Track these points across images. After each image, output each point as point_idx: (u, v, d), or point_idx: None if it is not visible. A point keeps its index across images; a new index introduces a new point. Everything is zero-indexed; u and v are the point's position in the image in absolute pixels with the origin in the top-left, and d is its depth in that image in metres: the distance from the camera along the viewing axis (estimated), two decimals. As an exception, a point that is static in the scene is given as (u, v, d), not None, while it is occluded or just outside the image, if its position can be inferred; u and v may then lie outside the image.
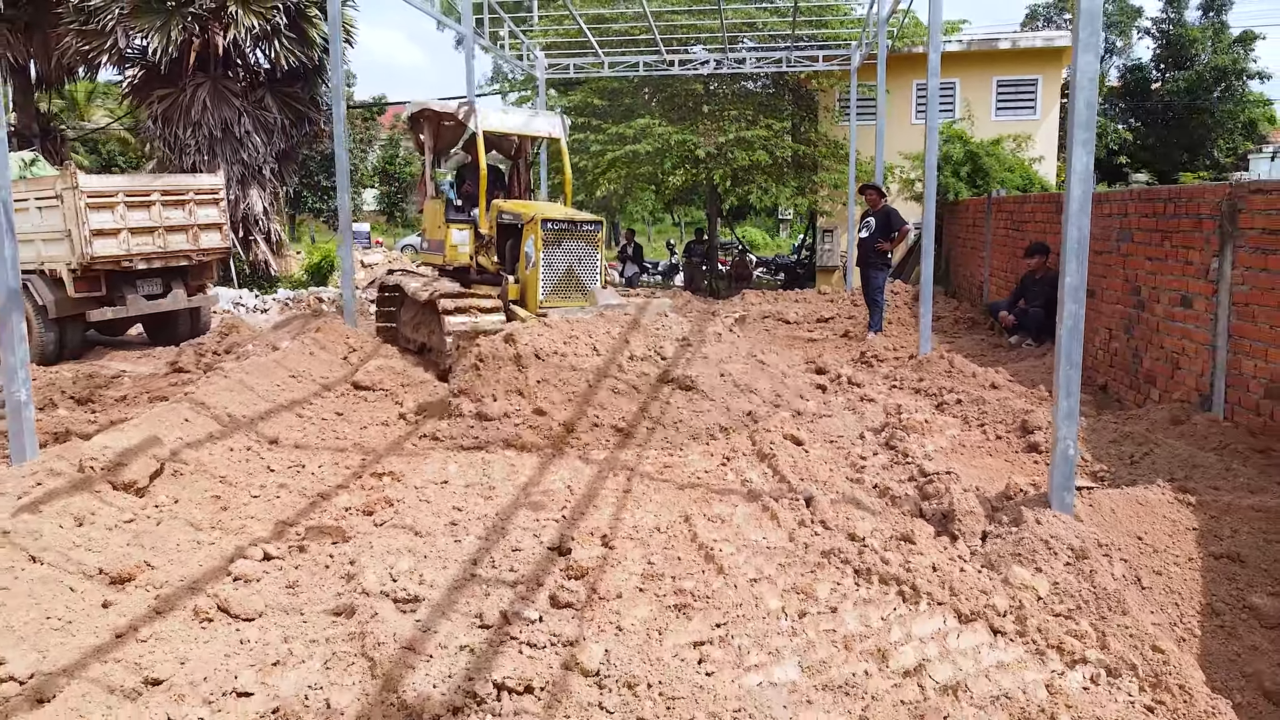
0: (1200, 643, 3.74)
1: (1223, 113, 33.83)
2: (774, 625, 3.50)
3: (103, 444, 4.72)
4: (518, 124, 9.31)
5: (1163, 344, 6.82)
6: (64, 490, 4.26)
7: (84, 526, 4.02)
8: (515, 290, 8.28)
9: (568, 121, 9.94)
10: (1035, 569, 3.76)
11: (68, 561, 3.68)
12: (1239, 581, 4.01)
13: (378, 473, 5.31)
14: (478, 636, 3.28)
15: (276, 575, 3.94)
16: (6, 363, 4.74)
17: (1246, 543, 4.19)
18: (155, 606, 3.52)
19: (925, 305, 8.49)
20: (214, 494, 4.83)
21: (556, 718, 2.75)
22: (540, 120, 9.52)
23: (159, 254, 12.42)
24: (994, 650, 3.27)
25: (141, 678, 3.03)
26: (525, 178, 10.17)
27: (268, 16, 17.30)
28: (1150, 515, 4.31)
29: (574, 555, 3.98)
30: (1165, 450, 5.29)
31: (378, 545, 4.12)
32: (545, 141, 10.23)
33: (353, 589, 3.71)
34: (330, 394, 7.05)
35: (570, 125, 12.92)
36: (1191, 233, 6.42)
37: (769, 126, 16.77)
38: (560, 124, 9.58)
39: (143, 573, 3.78)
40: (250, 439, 5.72)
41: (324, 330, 8.18)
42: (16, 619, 3.22)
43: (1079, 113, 3.96)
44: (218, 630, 3.45)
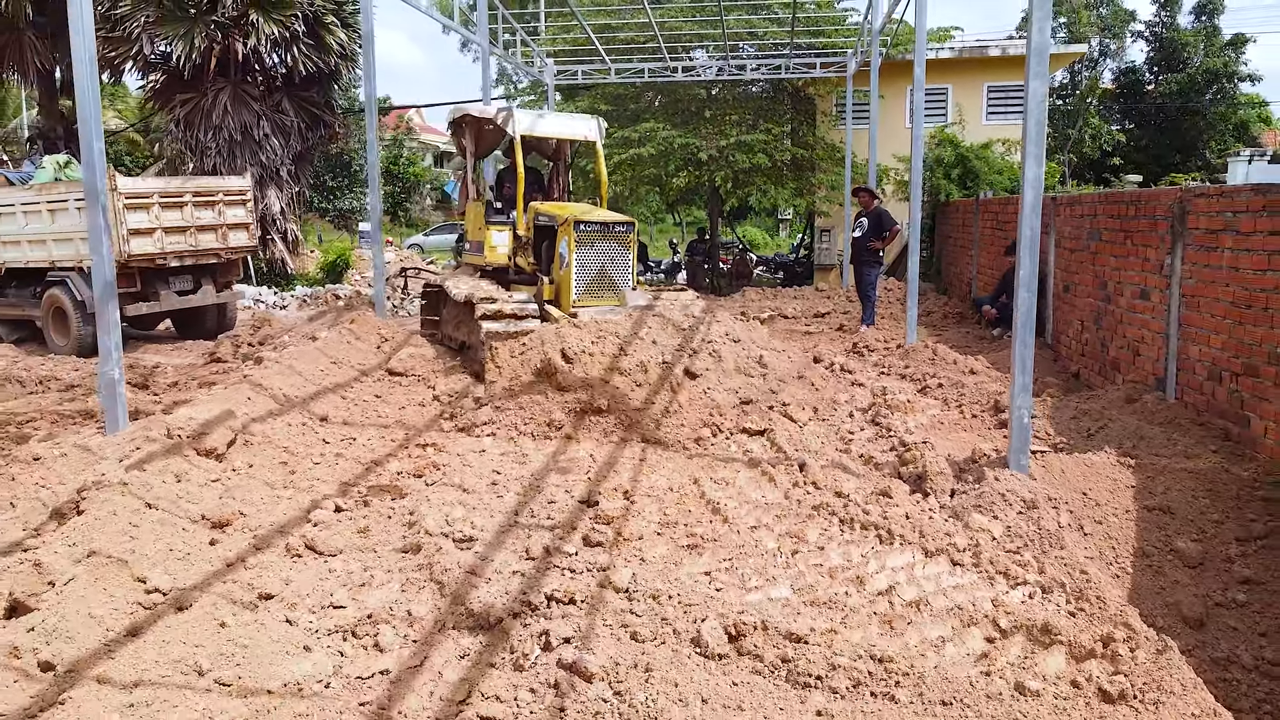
0: (1131, 578, 4.44)
1: (1214, 114, 34.48)
2: (771, 560, 4.19)
3: (187, 415, 5.41)
4: (554, 127, 9.43)
5: (1125, 333, 7.52)
6: (160, 454, 4.95)
7: (182, 483, 4.71)
8: (550, 290, 8.39)
9: (604, 125, 9.97)
10: (992, 516, 4.45)
11: (177, 508, 4.37)
12: (1168, 529, 4.71)
13: (421, 444, 6.00)
14: (526, 565, 3.97)
15: (348, 523, 4.64)
16: (103, 345, 5.42)
17: (1176, 498, 4.89)
18: (254, 544, 4.22)
19: (911, 299, 9.18)
20: (281, 460, 5.52)
21: (596, 620, 3.44)
22: (576, 123, 9.65)
23: (190, 252, 13.10)
24: (952, 576, 3.96)
25: (255, 594, 3.72)
26: (564, 180, 10.35)
27: (287, 24, 17.96)
28: (1095, 475, 5.01)
29: (601, 506, 4.68)
30: (1118, 424, 5.99)
31: (432, 499, 4.81)
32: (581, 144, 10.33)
33: (416, 532, 4.40)
34: (368, 379, 7.74)
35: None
36: (1149, 232, 7.11)
37: (768, 131, 17.46)
38: (596, 127, 9.65)
39: (238, 519, 4.47)
40: (304, 416, 6.41)
41: (358, 321, 8.87)
42: (146, 550, 3.91)
43: (1030, 130, 4.65)
44: (307, 563, 4.15)
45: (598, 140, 9.61)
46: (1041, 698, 2.87)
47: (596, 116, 9.87)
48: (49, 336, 13.14)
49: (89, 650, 3.13)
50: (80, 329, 12.72)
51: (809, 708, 2.84)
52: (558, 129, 9.47)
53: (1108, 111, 35.53)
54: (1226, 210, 5.91)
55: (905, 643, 3.31)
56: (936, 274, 16.35)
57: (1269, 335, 5.36)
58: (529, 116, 9.25)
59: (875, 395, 7.13)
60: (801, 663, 3.07)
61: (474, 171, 9.93)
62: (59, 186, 13.33)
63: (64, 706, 2.83)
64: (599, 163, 9.94)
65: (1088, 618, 3.49)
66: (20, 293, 13.75)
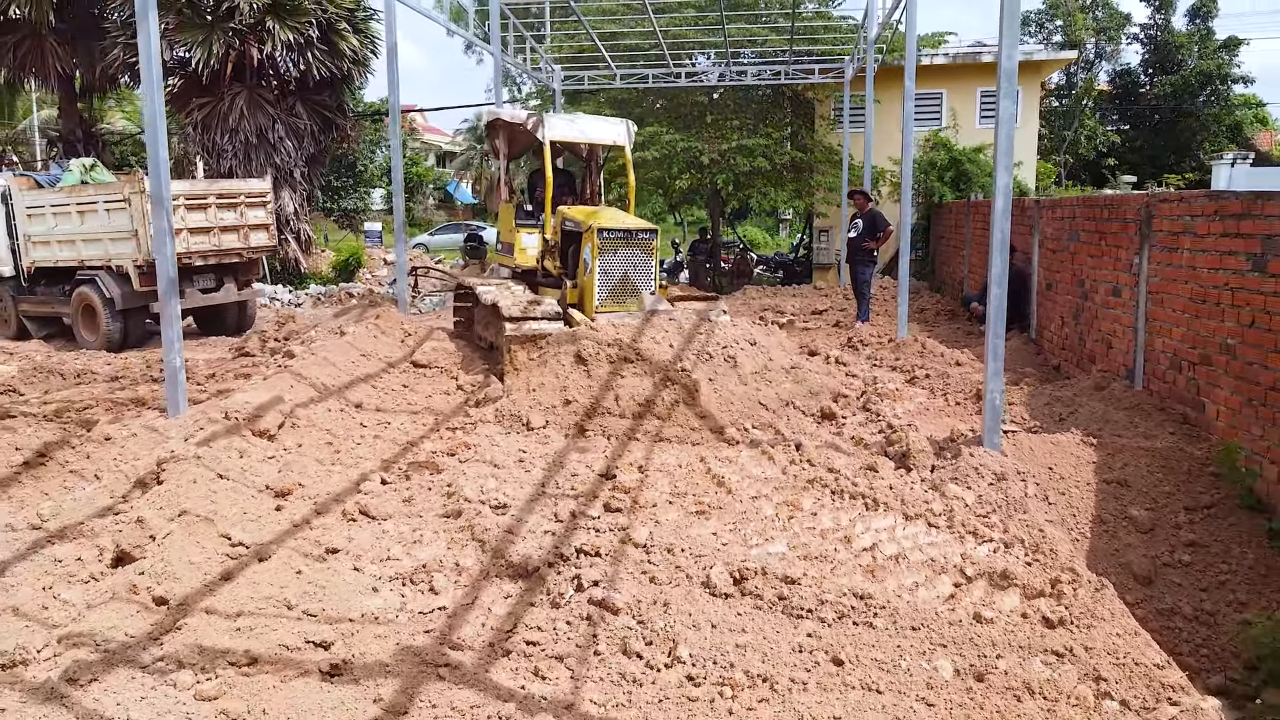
0: (1089, 541, 5.01)
1: (1208, 116, 35.01)
2: (770, 524, 4.76)
3: (243, 400, 5.98)
4: (584, 132, 9.41)
5: (1100, 328, 8.09)
6: (221, 433, 5.53)
7: (244, 458, 5.28)
8: (574, 294, 8.47)
9: (634, 129, 9.88)
10: (965, 486, 5.02)
11: (244, 479, 4.94)
12: (1123, 500, 5.28)
13: (451, 427, 6.57)
14: (555, 526, 4.55)
15: (393, 494, 5.21)
16: (166, 336, 5.99)
17: (1133, 473, 5.46)
18: (315, 509, 4.79)
19: (902, 296, 9.75)
20: (326, 441, 6.09)
21: (620, 568, 4.01)
22: (606, 128, 9.65)
23: (214, 251, 13.67)
24: (928, 536, 4.53)
25: (323, 549, 4.29)
26: (596, 183, 10.34)
27: (302, 30, 18.52)
28: (1060, 452, 5.58)
29: (618, 479, 5.25)
30: (1087, 410, 6.56)
31: (468, 473, 5.38)
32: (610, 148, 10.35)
33: (455, 500, 4.97)
34: (395, 370, 8.29)
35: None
36: (1120, 234, 7.68)
37: (768, 134, 18.03)
38: (625, 131, 9.62)
39: (297, 490, 5.04)
40: (341, 403, 6.98)
41: (383, 317, 9.42)
42: (225, 512, 4.48)
43: (1001, 143, 5.22)
44: (363, 526, 4.72)
45: (626, 144, 9.61)
46: (995, 624, 3.44)
47: (627, 120, 9.88)
48: (78, 333, 13.70)
49: (193, 589, 3.70)
50: (109, 325, 13.29)
51: (800, 632, 3.41)
52: (587, 133, 9.47)
53: (1104, 113, 36.07)
54: (1186, 214, 6.48)
55: (884, 586, 3.88)
56: (930, 273, 16.91)
57: (1220, 328, 5.93)
58: (559, 121, 9.31)
59: (867, 385, 7.69)
60: (795, 599, 3.64)
61: (506, 173, 10.00)
62: (88, 189, 13.91)
63: (181, 631, 3.40)
64: (627, 166, 10.01)
65: (1041, 566, 4.06)
66: (49, 291, 14.32)
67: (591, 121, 9.79)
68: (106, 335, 13.26)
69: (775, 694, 2.98)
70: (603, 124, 9.80)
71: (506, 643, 3.46)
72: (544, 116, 9.03)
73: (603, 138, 9.61)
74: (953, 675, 3.09)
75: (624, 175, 10.59)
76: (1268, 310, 5.42)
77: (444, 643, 3.41)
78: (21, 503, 4.75)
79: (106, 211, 13.27)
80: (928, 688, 2.99)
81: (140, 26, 5.85)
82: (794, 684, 3.03)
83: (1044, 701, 2.89)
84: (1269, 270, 5.43)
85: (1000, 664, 3.12)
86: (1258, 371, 5.49)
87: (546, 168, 8.92)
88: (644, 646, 3.34)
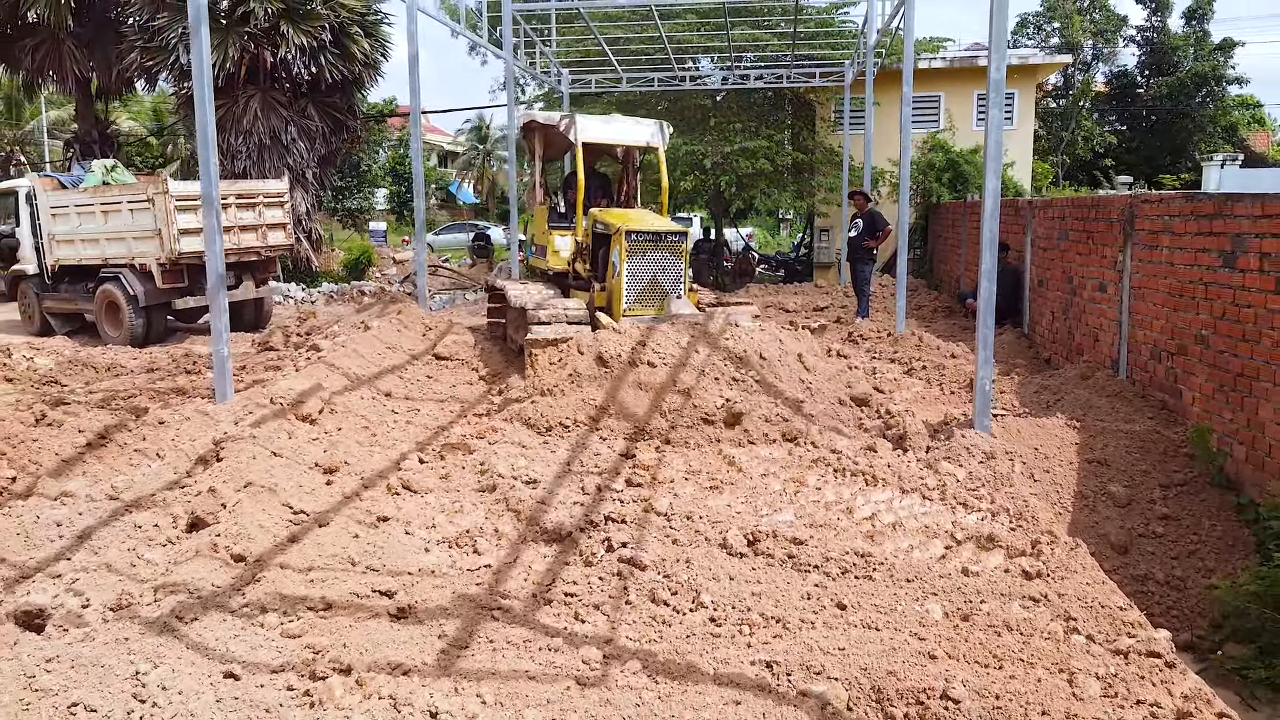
0: (1071, 515, 5.46)
1: (1203, 117, 35.47)
2: (778, 497, 5.21)
3: (285, 386, 6.43)
4: (616, 134, 9.30)
5: (1088, 321, 8.54)
6: (269, 417, 5.97)
7: (292, 439, 5.72)
8: (602, 298, 8.37)
9: (669, 129, 9.75)
10: (957, 464, 5.46)
11: (295, 456, 5.39)
12: (1103, 477, 5.73)
13: (478, 413, 7.02)
14: (584, 498, 4.99)
15: (431, 471, 5.66)
16: (215, 326, 6.43)
17: (1112, 453, 5.91)
18: (362, 483, 5.24)
19: (900, 292, 10.21)
20: (363, 425, 6.53)
21: (644, 532, 4.45)
22: (639, 129, 9.49)
23: (233, 250, 14.08)
24: (922, 507, 4.98)
25: (375, 516, 4.74)
26: (632, 184, 10.23)
27: (315, 34, 18.96)
28: (1046, 435, 6.04)
29: (639, 457, 5.70)
30: (1072, 397, 7.01)
31: (498, 453, 5.83)
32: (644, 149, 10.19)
33: (489, 477, 5.42)
34: (418, 362, 8.74)
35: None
36: (1106, 233, 8.13)
37: (770, 136, 18.48)
38: (659, 132, 9.46)
39: (343, 467, 5.48)
40: (372, 391, 7.42)
41: (404, 312, 9.87)
42: (283, 485, 4.92)
43: (990, 148, 5.66)
44: (406, 499, 5.16)
45: (660, 145, 9.46)
46: (980, 576, 3.88)
47: (660, 121, 9.73)
48: (101, 328, 14.15)
49: (266, 548, 4.14)
50: (132, 321, 13.74)
51: (808, 583, 3.86)
52: (620, 135, 9.37)
53: (1101, 114, 36.53)
54: (1165, 214, 6.93)
55: (882, 548, 4.33)
56: (929, 271, 17.35)
57: (1196, 320, 6.38)
58: (592, 123, 9.19)
59: (867, 375, 8.14)
60: (803, 557, 4.09)
61: (541, 175, 9.97)
62: (112, 189, 14.36)
63: (260, 583, 3.84)
64: (661, 167, 9.82)
65: (1023, 531, 4.51)
66: (73, 288, 14.76)
67: (625, 123, 9.63)
68: (130, 331, 13.70)
69: (787, 631, 3.43)
70: (636, 125, 9.65)
71: (547, 594, 3.90)
72: (576, 118, 8.97)
73: (636, 139, 9.48)
74: (942, 616, 3.53)
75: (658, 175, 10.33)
76: (1237, 303, 5.87)
77: (493, 593, 3.86)
78: (94, 478, 5.19)
79: (130, 211, 13.71)
80: (920, 625, 3.43)
81: (193, 40, 6.31)
82: (803, 623, 3.48)
83: (1020, 636, 3.33)
84: (1238, 266, 5.87)
85: (984, 607, 3.56)
86: (1228, 360, 5.94)
87: (579, 170, 8.90)
88: (670, 595, 3.78)
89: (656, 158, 9.89)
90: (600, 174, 10.33)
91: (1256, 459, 5.59)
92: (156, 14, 18.46)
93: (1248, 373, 5.71)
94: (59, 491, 4.87)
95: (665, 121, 9.75)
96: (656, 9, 14.20)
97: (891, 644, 3.27)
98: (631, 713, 2.88)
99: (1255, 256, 5.67)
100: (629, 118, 9.95)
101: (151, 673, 3.01)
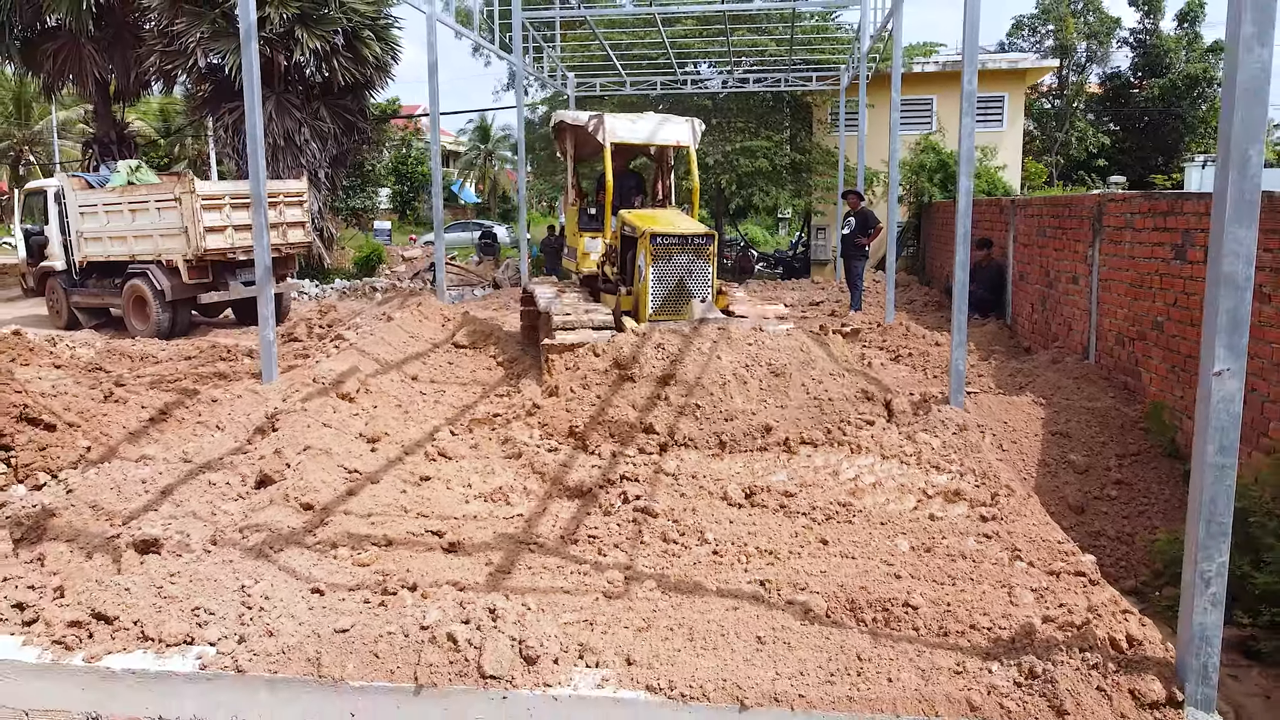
0: (1035, 480, 6.11)
1: (1194, 118, 36.11)
2: (773, 462, 5.85)
3: (326, 367, 7.08)
4: (646, 133, 9.06)
5: (1062, 312, 9.19)
6: (314, 394, 6.62)
7: (337, 413, 6.37)
8: (628, 301, 8.17)
9: (701, 127, 9.53)
10: (933, 435, 6.11)
11: (342, 427, 6.04)
12: (1065, 447, 6.39)
13: (499, 393, 7.67)
14: (601, 462, 5.64)
15: (461, 442, 6.31)
16: (262, 313, 7.06)
17: (1074, 427, 6.57)
18: (403, 450, 5.89)
19: (889, 285, 10.88)
20: (395, 404, 7.18)
21: (655, 488, 5.10)
22: (669, 128, 9.24)
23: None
24: (900, 469, 5.63)
25: (418, 476, 5.39)
26: (666, 183, 10.04)
27: (328, 38, 19.61)
28: (1015, 410, 6.69)
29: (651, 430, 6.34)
30: (1043, 379, 7.67)
31: (520, 426, 6.48)
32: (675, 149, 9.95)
33: (513, 445, 6.07)
34: (439, 350, 9.39)
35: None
36: (1078, 230, 8.79)
37: (769, 137, 19.15)
38: (690, 131, 9.21)
39: (385, 438, 6.13)
40: (400, 375, 8.07)
41: (424, 304, 10.52)
42: (335, 450, 5.57)
43: (964, 155, 6.30)
44: (442, 464, 5.81)
45: (691, 144, 9.22)
46: (944, 520, 4.54)
47: (693, 119, 9.50)
48: (129, 322, 14.80)
49: (329, 499, 4.80)
50: (159, 314, 14.40)
51: (797, 525, 4.51)
52: (650, 134, 9.12)
53: (1095, 115, 37.18)
54: (1127, 212, 7.59)
55: (863, 501, 4.98)
56: (921, 268, 18.01)
57: (1153, 308, 7.04)
58: (621, 123, 8.99)
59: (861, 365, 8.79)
60: (792, 506, 4.74)
61: (574, 176, 9.76)
62: (139, 189, 15.00)
63: (328, 526, 4.49)
64: (691, 167, 9.55)
65: (986, 488, 5.16)
66: (101, 283, 15.41)
67: (655, 121, 9.36)
68: (156, 324, 14.35)
69: (778, 560, 4.07)
70: (667, 124, 9.35)
71: (573, 536, 4.55)
72: (605, 119, 8.81)
73: (667, 138, 9.25)
74: (908, 549, 4.18)
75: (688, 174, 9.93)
76: (1186, 292, 6.53)
77: (527, 534, 4.51)
78: (166, 445, 5.83)
79: (158, 210, 14.35)
80: (889, 555, 4.08)
81: (244, 53, 6.91)
82: (791, 554, 4.13)
83: (972, 563, 3.98)
84: (1188, 258, 6.53)
85: (944, 543, 4.21)
86: (1179, 343, 6.60)
87: (607, 171, 8.71)
88: (679, 535, 4.43)
89: (687, 156, 9.63)
90: (634, 173, 10.06)
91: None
92: (175, 19, 19.10)
93: (1195, 354, 6.37)
94: (138, 455, 5.52)
95: (697, 119, 9.51)
96: (659, 15, 14.86)
97: (864, 568, 3.92)
98: (649, 616, 3.53)
99: (1201, 250, 6.32)
100: (659, 115, 9.64)
101: (254, 587, 3.66)
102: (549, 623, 3.36)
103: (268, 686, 3.17)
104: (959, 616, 3.42)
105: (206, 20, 18.94)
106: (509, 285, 19.20)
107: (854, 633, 3.35)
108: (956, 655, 3.16)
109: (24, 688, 3.33)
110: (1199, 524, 2.79)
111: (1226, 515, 2.76)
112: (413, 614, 3.32)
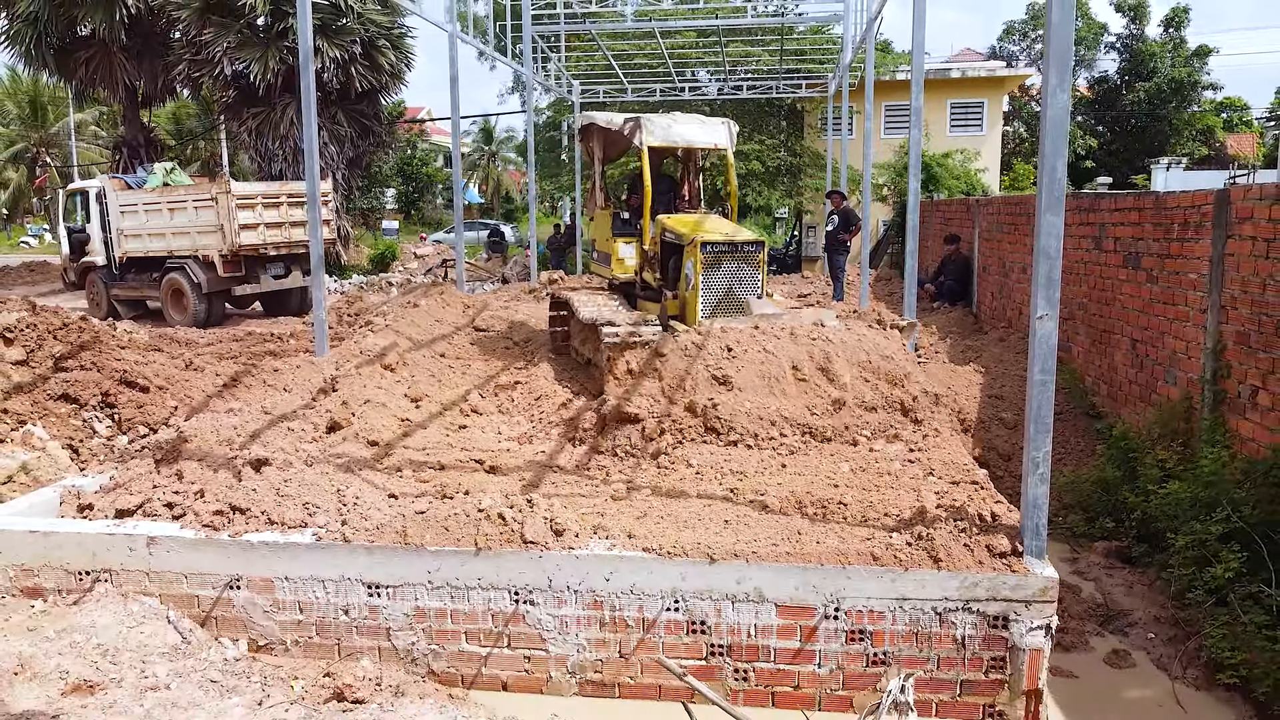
0: (972, 434, 7.29)
1: (1179, 121, 37.24)
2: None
3: (370, 343, 8.27)
4: (682, 135, 8.82)
5: (1014, 298, 10.37)
6: (362, 364, 7.81)
7: (384, 379, 7.56)
8: (674, 306, 7.92)
9: (735, 129, 9.30)
10: (885, 396, 7.28)
11: (389, 388, 7.22)
12: (998, 408, 7.57)
13: (520, 366, 8.86)
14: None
15: (490, 401, 7.49)
16: (316, 296, 8.24)
17: (1008, 390, 7.75)
18: (442, 408, 7.08)
19: (864, 275, 12.08)
20: (429, 373, 8.36)
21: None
22: (707, 130, 8.97)
23: (284, 243, 15.96)
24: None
25: (456, 425, 6.58)
26: (695, 186, 9.80)
27: (346, 47, 20.81)
28: (958, 377, 7.87)
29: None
30: (989, 354, 8.85)
31: (538, 386, 7.66)
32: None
33: (536, 402, 7.24)
34: (462, 332, 10.57)
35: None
36: (1026, 225, 9.97)
37: (763, 141, 20.36)
38: (727, 133, 8.99)
39: (425, 398, 7.31)
40: (430, 352, 9.24)
41: (446, 294, 11.71)
42: (389, 404, 6.75)
43: (912, 161, 7.48)
44: (475, 419, 7.00)
45: (728, 147, 9.02)
46: (882, 452, 5.72)
47: (728, 120, 9.30)
48: (167, 313, 16.00)
49: (390, 438, 5.98)
50: (196, 306, 15.60)
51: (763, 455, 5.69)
52: (687, 137, 8.86)
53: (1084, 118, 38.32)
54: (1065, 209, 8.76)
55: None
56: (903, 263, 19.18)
57: (1079, 291, 8.22)
58: (659, 126, 8.68)
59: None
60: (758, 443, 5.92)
61: (601, 178, 9.56)
62: (177, 190, 16.20)
63: (391, 456, 5.68)
64: (729, 171, 9.48)
65: (922, 433, 6.34)
66: (139, 277, 16.61)
67: (690, 123, 9.08)
68: (193, 315, 15.55)
69: (746, 478, 5.25)
70: (703, 126, 9.06)
71: (586, 467, 5.73)
72: (642, 121, 8.56)
73: (703, 141, 8.97)
74: (849, 471, 5.35)
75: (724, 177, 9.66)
76: (1102, 277, 7.72)
77: (550, 462, 5.69)
78: (246, 402, 7.02)
79: (195, 209, 15.56)
80: (832, 474, 5.26)
81: (302, 74, 8.06)
82: (756, 474, 5.31)
83: (893, 477, 5.15)
84: (1103, 248, 7.72)
85: (876, 466, 5.39)
86: (1096, 320, 7.79)
87: (645, 175, 8.46)
88: (670, 465, 5.62)
89: (725, 160, 9.51)
90: (666, 176, 9.91)
91: (1112, 394, 7.44)
92: (204, 29, 20.29)
93: (1107, 329, 7.56)
94: (225, 409, 6.71)
95: (731, 120, 9.36)
96: (658, 28, 16.05)
97: (812, 483, 5.10)
98: (645, 510, 4.71)
99: (1111, 241, 7.51)
100: (694, 116, 9.40)
101: (346, 491, 4.84)
102: (570, 514, 4.54)
103: (367, 552, 4.35)
104: (877, 509, 4.59)
105: (233, 30, 20.14)
106: (516, 280, 20.39)
107: (797, 519, 4.53)
108: (870, 530, 4.34)
109: (184, 558, 4.52)
110: (1030, 423, 3.97)
111: (1048, 416, 3.95)
112: (472, 501, 4.50)
